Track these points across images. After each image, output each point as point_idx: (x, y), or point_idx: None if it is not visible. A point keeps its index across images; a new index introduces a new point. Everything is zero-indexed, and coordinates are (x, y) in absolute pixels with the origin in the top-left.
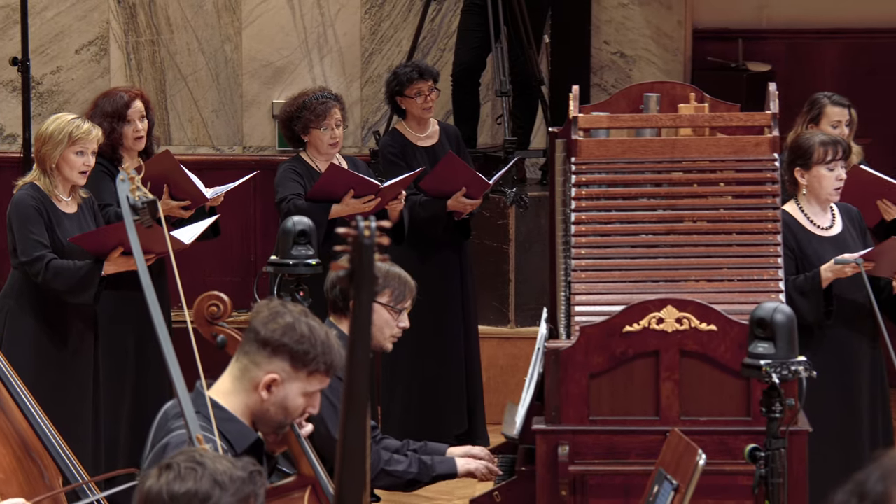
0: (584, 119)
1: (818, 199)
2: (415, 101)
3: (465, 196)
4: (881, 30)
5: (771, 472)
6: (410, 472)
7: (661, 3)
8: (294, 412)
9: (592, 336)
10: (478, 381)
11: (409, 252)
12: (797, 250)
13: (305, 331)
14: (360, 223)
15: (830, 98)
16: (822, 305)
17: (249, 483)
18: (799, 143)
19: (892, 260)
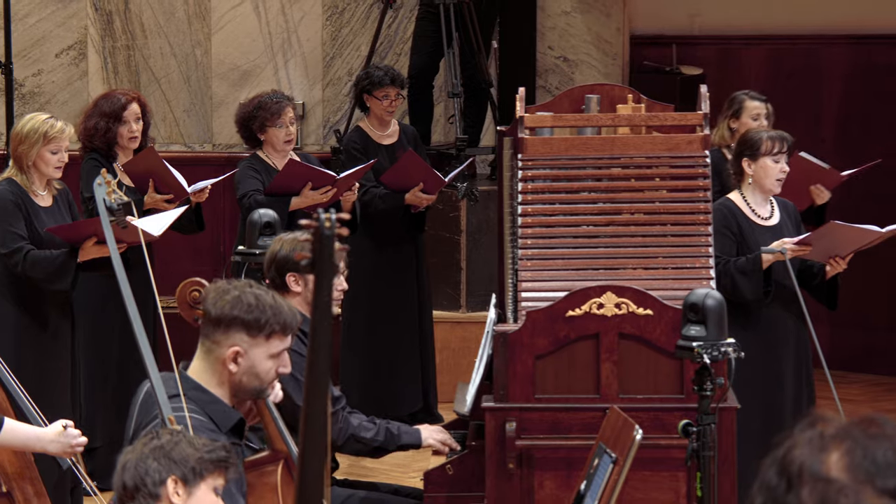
0: (529, 119)
1: (762, 189)
2: (381, 102)
3: (422, 191)
4: (802, 36)
5: (702, 446)
6: (378, 439)
7: (601, 11)
8: (266, 375)
9: (538, 320)
10: (431, 362)
11: (367, 242)
12: (739, 236)
13: (252, 300)
14: (321, 215)
15: (748, 94)
16: (762, 285)
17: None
18: (748, 136)
19: (826, 245)
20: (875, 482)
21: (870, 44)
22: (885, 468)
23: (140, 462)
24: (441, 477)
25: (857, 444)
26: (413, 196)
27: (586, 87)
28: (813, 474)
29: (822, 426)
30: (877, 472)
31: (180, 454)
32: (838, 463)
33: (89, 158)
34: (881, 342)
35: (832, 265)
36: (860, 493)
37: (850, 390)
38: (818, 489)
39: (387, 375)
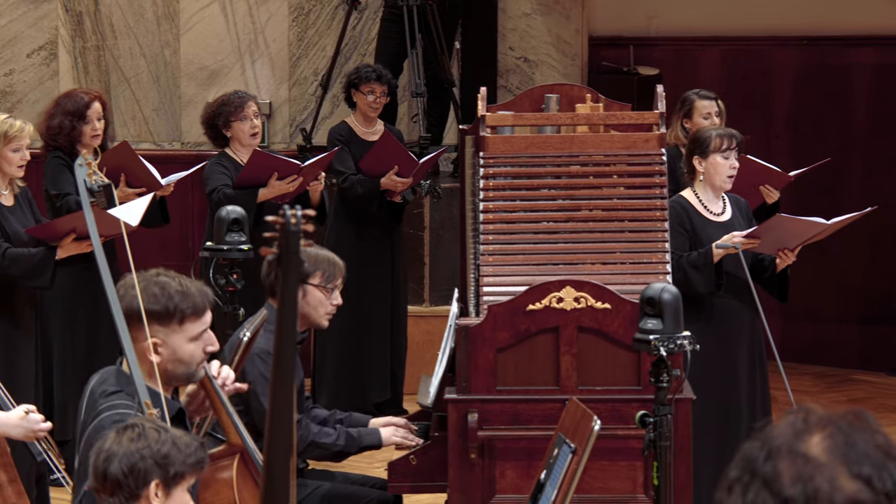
0: (491, 118)
1: (713, 186)
2: (366, 97)
3: (397, 175)
4: (755, 38)
5: (659, 436)
6: (338, 444)
7: (560, 13)
8: (192, 359)
9: (499, 314)
10: (402, 354)
11: (347, 228)
12: (692, 231)
13: (156, 290)
14: (287, 211)
15: (698, 94)
16: (714, 278)
17: (201, 450)
18: (698, 134)
19: (775, 238)
20: (851, 466)
21: (821, 45)
22: (863, 456)
23: (126, 458)
24: (405, 467)
25: (839, 431)
26: (388, 180)
27: (546, 86)
28: (793, 450)
29: (808, 413)
30: (854, 458)
31: (166, 457)
32: (819, 445)
33: (53, 157)
34: (831, 334)
35: (781, 258)
36: (836, 472)
37: (802, 381)
38: (796, 463)
39: (357, 364)
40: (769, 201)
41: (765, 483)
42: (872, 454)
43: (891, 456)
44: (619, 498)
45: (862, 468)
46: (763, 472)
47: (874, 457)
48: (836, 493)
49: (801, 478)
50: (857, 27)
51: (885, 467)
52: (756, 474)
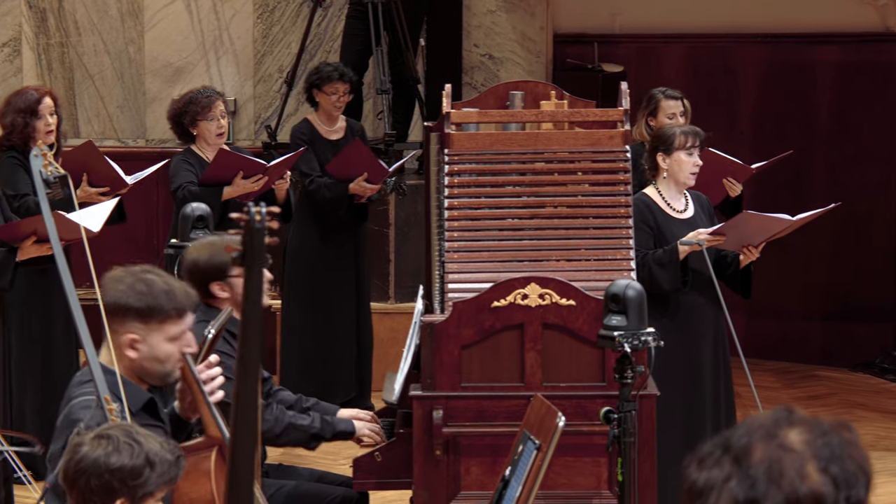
0: (456, 115)
1: (676, 183)
2: (329, 97)
3: (366, 181)
4: (719, 35)
5: (623, 432)
6: (314, 426)
7: (525, 10)
8: (168, 359)
9: (464, 311)
10: (368, 353)
11: (311, 229)
12: (656, 229)
13: (143, 287)
14: (251, 209)
15: (664, 93)
16: (679, 275)
17: (175, 467)
18: (662, 131)
19: (740, 234)
20: (821, 462)
21: (784, 43)
22: (836, 458)
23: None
24: (370, 464)
25: (820, 430)
26: (357, 186)
27: (511, 83)
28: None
29: (796, 412)
30: (827, 456)
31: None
32: (797, 437)
33: (8, 157)
34: (795, 331)
35: (745, 254)
36: (805, 462)
37: (765, 378)
38: (770, 445)
39: (323, 362)
40: (732, 195)
41: (735, 459)
42: (846, 461)
43: (863, 470)
44: (584, 494)
45: (831, 466)
46: (736, 448)
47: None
48: (801, 480)
49: (770, 459)
50: (820, 25)
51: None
52: (729, 449)
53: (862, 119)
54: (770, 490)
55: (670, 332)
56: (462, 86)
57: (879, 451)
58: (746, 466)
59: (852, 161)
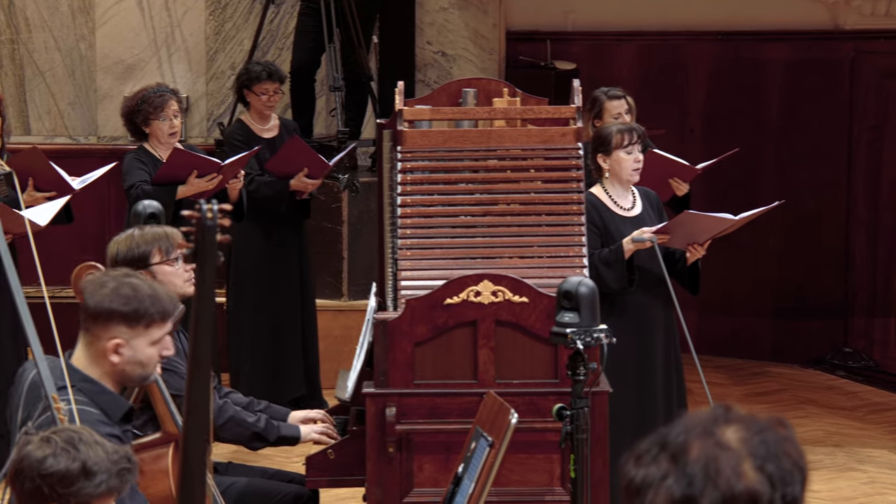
0: (408, 112)
1: (620, 181)
2: (259, 98)
3: (307, 177)
4: (671, 32)
5: (576, 429)
6: (258, 425)
7: (478, 7)
8: (149, 362)
9: (417, 308)
10: (315, 349)
11: (253, 229)
12: (602, 228)
13: (129, 291)
14: (203, 206)
15: (607, 94)
16: (626, 275)
17: (116, 478)
18: (600, 132)
19: (684, 233)
20: (757, 460)
21: (735, 40)
22: (772, 456)
23: (30, 478)
24: (323, 462)
25: (757, 427)
26: (298, 182)
27: (463, 81)
28: (707, 431)
29: (733, 409)
30: (763, 454)
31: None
32: (735, 434)
33: None
34: (746, 327)
35: (691, 252)
36: (741, 460)
37: (717, 374)
38: (707, 443)
39: (271, 360)
40: (679, 194)
41: (672, 456)
42: (782, 458)
43: (799, 467)
44: (537, 491)
45: (767, 464)
46: (674, 444)
47: (783, 461)
48: (737, 478)
49: (706, 456)
50: (771, 22)
51: (791, 475)
52: (666, 447)
53: (812, 116)
54: (707, 488)
55: (622, 328)
56: (415, 83)
57: (829, 447)
58: (683, 464)
59: (802, 158)
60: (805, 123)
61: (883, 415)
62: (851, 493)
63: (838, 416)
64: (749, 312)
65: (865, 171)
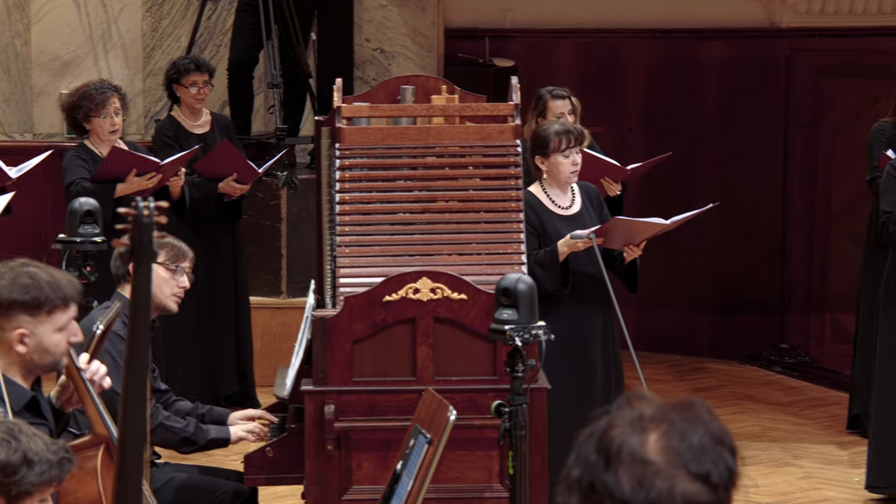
0: (347, 109)
1: (558, 182)
2: (189, 90)
3: (236, 181)
4: (608, 30)
5: (514, 426)
6: (187, 430)
7: (416, 5)
8: (56, 349)
9: (355, 305)
10: (248, 347)
11: (183, 228)
12: (540, 228)
13: (27, 280)
14: (139, 203)
15: (551, 93)
16: (559, 276)
17: (56, 468)
18: (538, 133)
19: (620, 234)
20: (689, 466)
21: (672, 38)
22: (700, 453)
23: None
24: (261, 459)
25: (674, 428)
26: (227, 185)
27: (402, 78)
28: (631, 454)
29: (642, 406)
30: (691, 457)
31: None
32: (656, 445)
33: None
34: (684, 324)
35: (628, 252)
36: (675, 476)
37: (655, 370)
38: (635, 471)
39: (204, 358)
40: (611, 194)
41: (605, 488)
42: (707, 447)
43: (723, 443)
44: (475, 488)
45: (700, 466)
46: (604, 482)
47: (709, 449)
48: (677, 497)
49: (641, 485)
50: (707, 20)
51: (720, 457)
52: (596, 483)
53: (748, 114)
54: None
55: (561, 325)
56: (353, 80)
57: (765, 442)
58: (621, 496)
59: (738, 156)
60: (742, 121)
61: (819, 410)
62: (788, 487)
63: (775, 412)
64: (687, 309)
65: (801, 169)
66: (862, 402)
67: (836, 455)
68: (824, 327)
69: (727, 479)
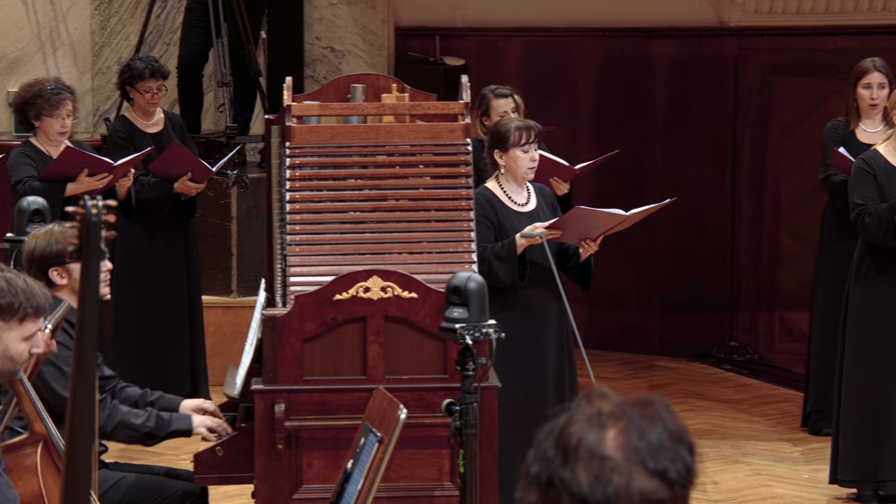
0: (297, 107)
1: (515, 178)
2: (143, 96)
3: (191, 181)
4: (558, 29)
5: (465, 424)
6: (148, 425)
7: (366, 3)
8: (20, 358)
9: (306, 304)
10: (201, 347)
11: (137, 228)
12: (496, 222)
13: (3, 285)
14: (87, 202)
15: (494, 91)
16: (517, 269)
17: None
18: (497, 128)
19: (576, 228)
20: (647, 463)
21: (622, 37)
22: (658, 450)
23: None
24: (211, 458)
25: (632, 425)
26: (182, 185)
27: (352, 76)
28: (589, 450)
29: (601, 403)
30: (649, 454)
31: None
32: (614, 441)
33: None
34: (634, 321)
35: (584, 247)
36: (632, 472)
37: (606, 369)
38: (593, 467)
39: (157, 358)
40: (559, 193)
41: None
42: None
43: (682, 441)
44: (426, 486)
45: (657, 463)
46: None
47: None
48: (634, 494)
49: (599, 481)
50: (656, 19)
51: (678, 455)
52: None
53: (697, 112)
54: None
55: (512, 324)
56: (304, 79)
57: (714, 440)
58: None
59: (688, 154)
60: (691, 119)
61: (767, 407)
62: (737, 484)
63: (724, 409)
64: (637, 307)
65: (750, 167)
66: (816, 398)
67: (785, 452)
68: (773, 325)
69: (685, 477)
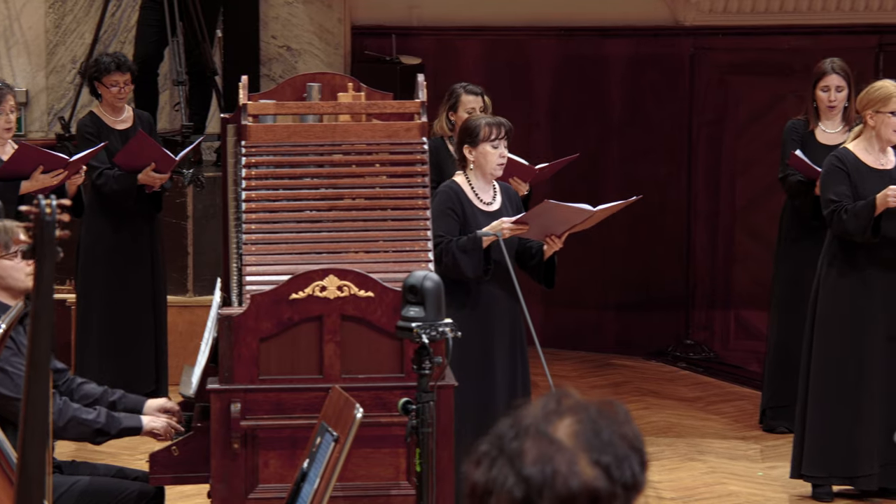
0: (252, 106)
1: (483, 174)
2: (109, 90)
3: (155, 171)
4: (514, 28)
5: (421, 423)
6: (98, 421)
7: (322, 2)
8: None
9: (262, 303)
10: (164, 344)
11: (103, 221)
12: (462, 217)
13: None
14: (41, 201)
15: (465, 88)
16: (482, 263)
17: None
18: (467, 123)
19: (542, 224)
20: (592, 453)
21: (578, 36)
22: (606, 445)
23: None
24: (167, 458)
25: (588, 418)
26: (146, 176)
27: (308, 75)
28: (540, 430)
29: (563, 398)
30: (597, 446)
31: None
32: (567, 429)
33: None
34: (590, 320)
35: (549, 244)
36: (577, 457)
37: (562, 367)
38: (541, 444)
39: (122, 356)
40: (519, 193)
41: (509, 459)
42: (617, 444)
43: (635, 448)
44: (383, 485)
45: (602, 457)
46: (509, 449)
47: (618, 447)
48: (574, 476)
49: (542, 458)
50: (612, 18)
51: (627, 459)
52: (503, 451)
53: (653, 111)
54: (544, 489)
55: (468, 322)
56: (260, 77)
57: (670, 438)
58: (520, 467)
59: (643, 154)
60: (647, 118)
61: (722, 405)
62: (692, 482)
63: (680, 407)
64: (594, 305)
65: (705, 166)
66: (771, 396)
67: (740, 450)
68: (729, 323)
69: (628, 481)
